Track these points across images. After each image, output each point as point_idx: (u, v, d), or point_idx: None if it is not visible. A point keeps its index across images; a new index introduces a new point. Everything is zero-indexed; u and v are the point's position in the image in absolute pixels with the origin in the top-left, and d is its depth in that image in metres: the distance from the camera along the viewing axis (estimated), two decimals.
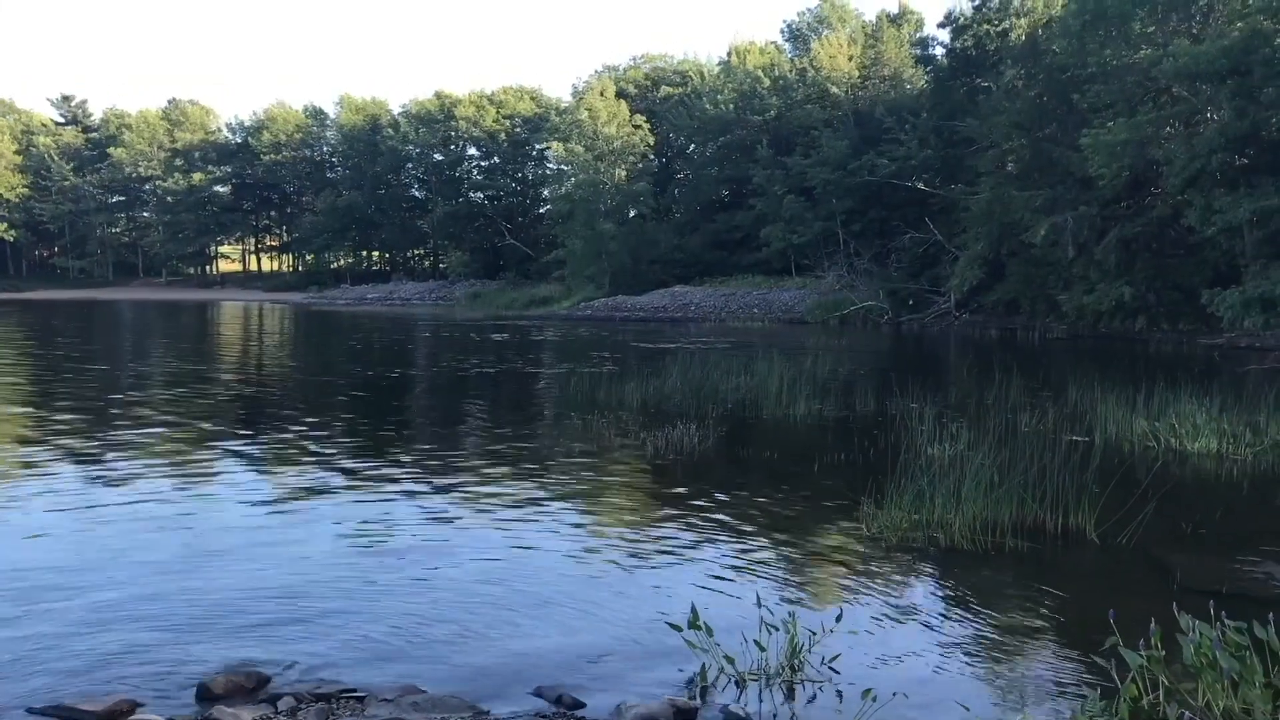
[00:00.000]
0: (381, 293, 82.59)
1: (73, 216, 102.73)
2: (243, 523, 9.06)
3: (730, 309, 54.07)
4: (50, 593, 6.86)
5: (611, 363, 25.47)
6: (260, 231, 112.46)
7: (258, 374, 25.30)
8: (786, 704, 5.34)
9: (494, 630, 6.30)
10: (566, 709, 5.21)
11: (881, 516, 8.80)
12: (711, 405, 16.15)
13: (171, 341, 37.54)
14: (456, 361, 27.29)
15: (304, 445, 13.27)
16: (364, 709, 5.15)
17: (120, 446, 13.01)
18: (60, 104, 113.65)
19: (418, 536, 8.55)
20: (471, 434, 15.23)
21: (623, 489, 11.06)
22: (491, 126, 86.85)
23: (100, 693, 5.21)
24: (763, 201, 58.93)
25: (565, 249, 67.05)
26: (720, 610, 6.49)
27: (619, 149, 66.49)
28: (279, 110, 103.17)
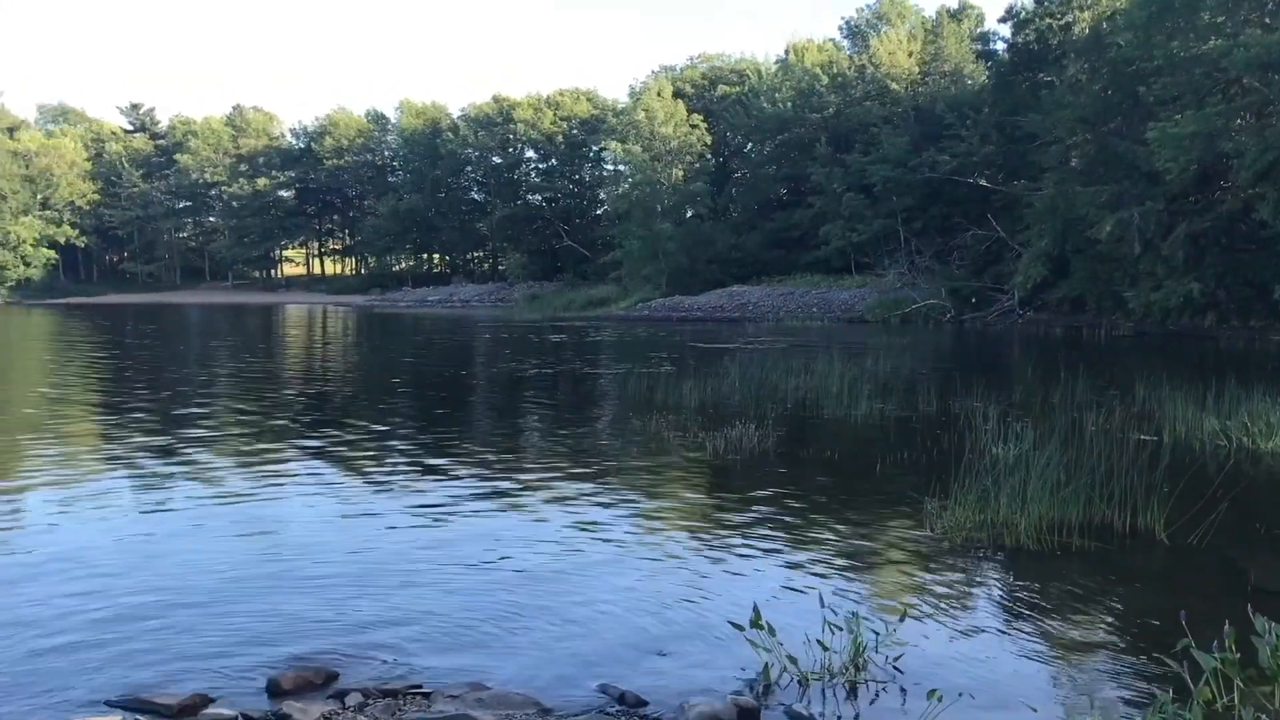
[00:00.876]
0: (442, 295, 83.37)
1: (141, 222, 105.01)
2: (310, 520, 9.21)
3: (788, 308, 53.81)
4: (126, 588, 7.02)
5: (669, 363, 25.47)
6: (323, 235, 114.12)
7: (324, 375, 25.67)
8: (850, 703, 5.31)
9: (556, 627, 6.34)
10: (629, 707, 5.23)
11: (945, 516, 8.71)
12: (771, 405, 16.09)
13: (239, 343, 38.23)
14: (516, 362, 27.47)
15: (368, 445, 13.44)
16: (430, 704, 5.22)
17: (191, 445, 13.29)
18: (129, 112, 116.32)
19: (480, 534, 8.63)
20: (531, 434, 15.33)
21: (682, 489, 11.06)
22: (549, 129, 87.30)
23: (175, 687, 5.32)
24: (821, 199, 58.59)
25: (622, 250, 67.17)
26: (782, 610, 6.47)
27: (676, 149, 66.51)
28: (341, 115, 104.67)
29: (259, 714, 5.03)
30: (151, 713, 5.03)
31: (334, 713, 5.12)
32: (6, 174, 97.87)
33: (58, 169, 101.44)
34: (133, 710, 5.05)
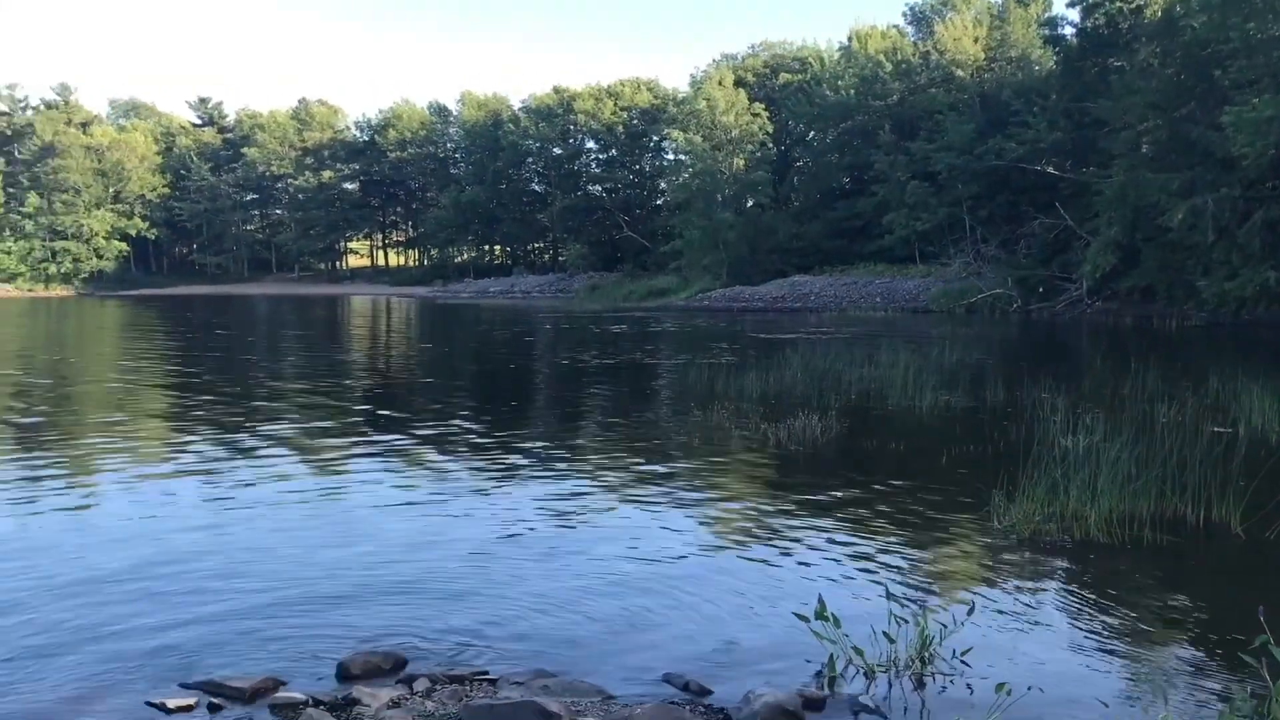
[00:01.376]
0: (503, 286, 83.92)
1: (210, 214, 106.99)
2: (376, 506, 9.34)
3: (851, 298, 53.40)
4: (198, 572, 7.18)
5: (730, 353, 25.41)
6: (387, 227, 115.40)
7: (388, 365, 25.99)
8: (916, 695, 5.26)
9: (620, 617, 6.36)
10: (694, 695, 5.24)
11: (1013, 509, 8.59)
12: (834, 396, 15.98)
13: (306, 334, 38.84)
14: (576, 353, 27.58)
15: (432, 434, 13.58)
16: (496, 690, 5.26)
17: (260, 432, 13.54)
18: (197, 106, 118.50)
19: (543, 524, 8.69)
20: (593, 424, 15.39)
21: (745, 480, 11.04)
22: (609, 119, 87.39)
23: (246, 670, 5.42)
24: (885, 188, 58.04)
25: (682, 240, 67.10)
26: (847, 602, 6.43)
27: (737, 138, 66.26)
28: (404, 108, 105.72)
29: (328, 698, 5.12)
30: (224, 695, 5.13)
31: (402, 698, 5.19)
32: (80, 168, 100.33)
33: (129, 163, 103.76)
34: (206, 692, 5.16)
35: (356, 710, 4.98)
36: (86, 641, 5.84)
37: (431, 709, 5.02)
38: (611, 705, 5.10)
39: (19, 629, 6.02)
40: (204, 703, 5.04)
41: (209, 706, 5.01)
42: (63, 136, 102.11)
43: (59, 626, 6.08)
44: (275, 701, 5.06)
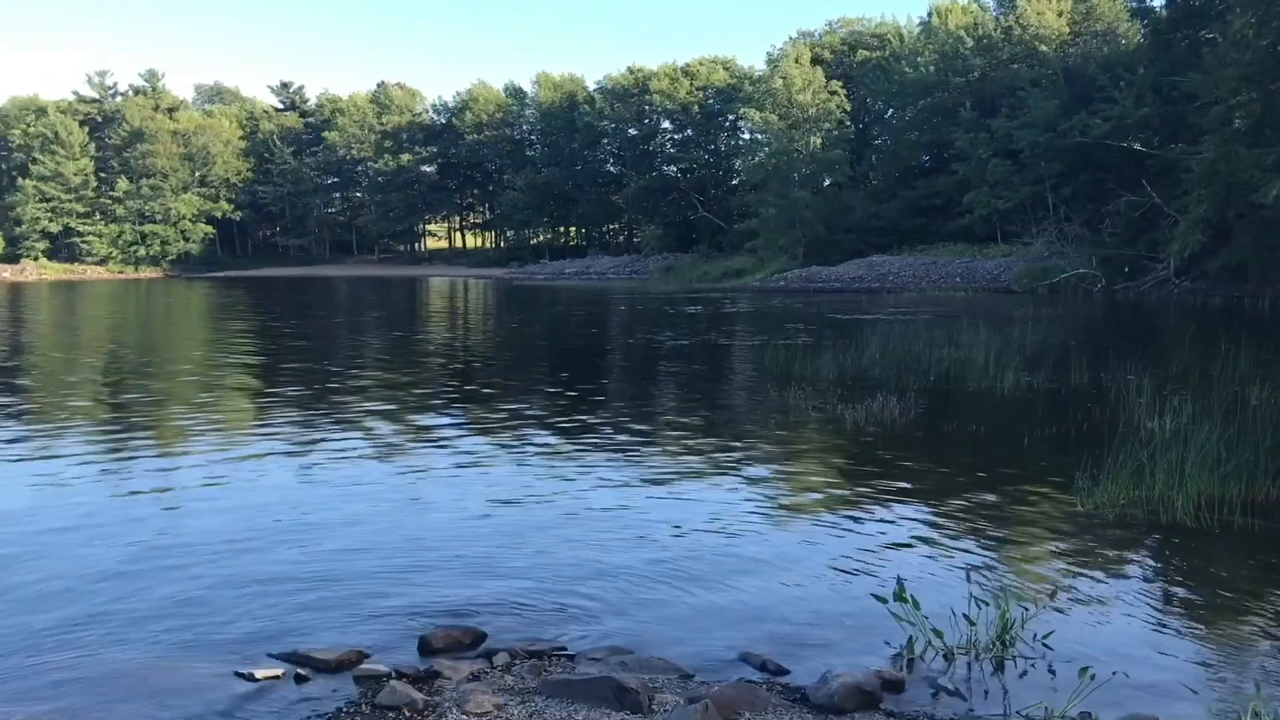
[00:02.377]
0: (578, 267, 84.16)
1: (292, 197, 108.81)
2: (456, 484, 9.49)
3: (930, 278, 52.62)
4: (285, 546, 7.36)
5: (806, 334, 25.23)
6: (464, 209, 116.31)
7: (466, 345, 26.29)
8: (997, 679, 5.21)
9: (697, 596, 6.38)
10: (771, 675, 5.24)
11: (1097, 492, 8.43)
12: (913, 377, 15.78)
13: (386, 315, 39.46)
14: (651, 334, 27.61)
15: (510, 413, 13.72)
16: (574, 666, 5.33)
17: (345, 411, 13.81)
18: (280, 91, 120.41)
19: (619, 501, 8.75)
20: (668, 404, 15.41)
21: (821, 460, 10.98)
22: (685, 99, 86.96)
23: (332, 642, 5.55)
24: (965, 166, 57.03)
25: (758, 220, 66.63)
26: (926, 584, 6.38)
27: (814, 116, 65.53)
28: (480, 90, 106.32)
29: (411, 670, 5.22)
30: (310, 666, 5.26)
31: (482, 671, 5.28)
32: (167, 153, 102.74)
33: (214, 147, 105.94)
34: (293, 663, 5.30)
35: (438, 683, 5.08)
36: (177, 613, 6.03)
37: (511, 683, 5.09)
38: (688, 683, 5.13)
39: (113, 599, 6.23)
40: (291, 674, 5.18)
41: (295, 677, 5.14)
42: (150, 122, 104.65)
43: (150, 598, 6.28)
44: (360, 673, 5.17)
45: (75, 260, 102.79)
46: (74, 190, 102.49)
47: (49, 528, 7.91)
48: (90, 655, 5.39)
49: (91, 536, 7.66)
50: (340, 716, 4.70)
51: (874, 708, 4.83)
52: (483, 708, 4.66)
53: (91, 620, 5.88)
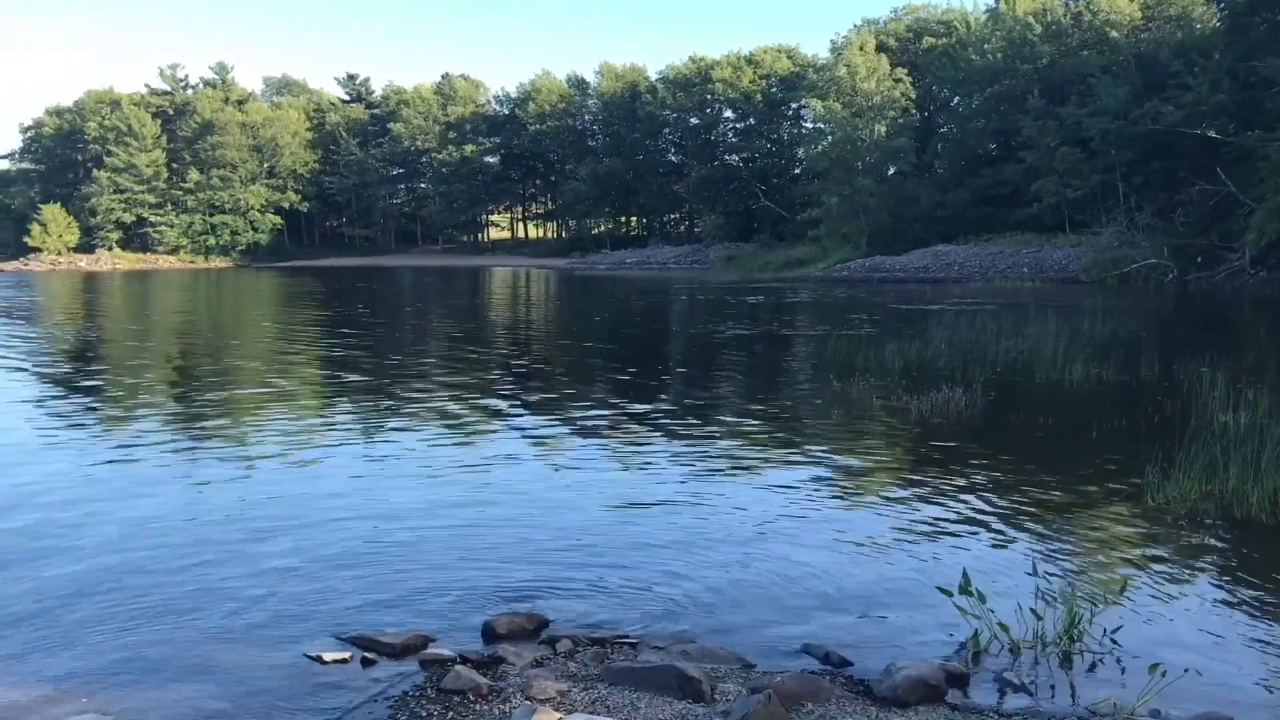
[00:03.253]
0: (639, 257, 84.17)
1: (358, 188, 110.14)
2: (518, 470, 9.57)
3: (997, 268, 51.83)
4: (352, 533, 7.47)
5: (870, 325, 25.03)
6: (527, 200, 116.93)
7: (528, 335, 26.46)
8: (1064, 673, 5.14)
9: (760, 587, 6.38)
10: (834, 667, 5.22)
11: (1168, 487, 8.27)
12: (979, 369, 15.58)
13: (450, 304, 39.84)
14: (712, 324, 27.55)
15: (573, 401, 13.80)
16: (636, 654, 5.35)
17: (410, 398, 13.98)
18: (346, 82, 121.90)
19: (680, 492, 8.75)
20: (730, 394, 15.37)
21: (885, 452, 10.90)
22: (747, 88, 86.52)
23: (397, 627, 5.63)
24: (1033, 154, 56.05)
25: (821, 209, 66.11)
26: (991, 577, 6.31)
27: (878, 104, 64.84)
28: (543, 81, 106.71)
29: (475, 655, 5.28)
30: (377, 649, 5.35)
31: (545, 658, 5.32)
32: (237, 144, 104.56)
33: (282, 139, 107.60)
34: (360, 646, 5.39)
35: (502, 668, 5.13)
36: (246, 594, 6.16)
37: (574, 670, 5.13)
38: (751, 673, 5.13)
39: (184, 583, 6.38)
40: (358, 657, 5.27)
41: (362, 661, 5.23)
42: (220, 114, 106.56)
43: (220, 579, 6.42)
44: (425, 658, 5.24)
45: (147, 250, 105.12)
46: (146, 181, 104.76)
47: (120, 508, 8.12)
48: (161, 635, 5.52)
49: (162, 518, 7.85)
50: (407, 700, 4.77)
51: (938, 701, 4.79)
52: (546, 693, 4.70)
53: (163, 600, 6.03)
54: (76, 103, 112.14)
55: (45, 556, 6.85)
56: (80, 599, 6.04)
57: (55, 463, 10.00)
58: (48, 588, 6.23)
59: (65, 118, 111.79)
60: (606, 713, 4.50)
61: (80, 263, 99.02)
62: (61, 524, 7.66)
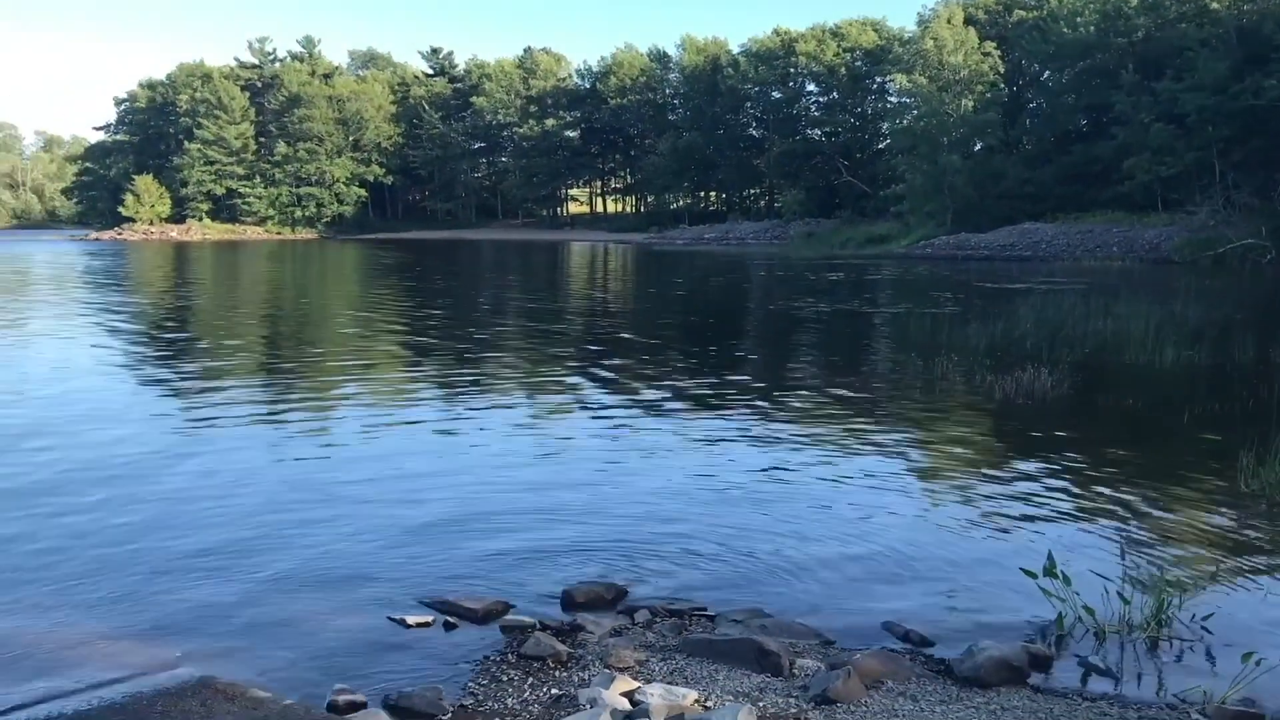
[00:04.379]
0: (718, 233, 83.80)
1: (440, 162, 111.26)
2: (595, 443, 9.61)
3: (1085, 247, 50.61)
4: (433, 500, 7.59)
5: (953, 303, 24.64)
6: (606, 174, 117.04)
7: (605, 308, 26.54)
8: (1151, 660, 5.03)
9: (839, 563, 6.34)
10: (914, 645, 5.18)
11: (1263, 471, 8.02)
12: (1066, 349, 15.26)
13: (529, 278, 40.13)
14: (790, 300, 27.35)
15: (650, 375, 13.82)
16: (714, 627, 5.36)
17: (490, 369, 14.15)
18: (429, 56, 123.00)
19: (757, 468, 8.72)
20: (807, 371, 15.26)
21: (968, 431, 10.74)
22: (831, 61, 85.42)
23: (479, 593, 5.72)
24: (1126, 130, 54.55)
25: (905, 184, 65.14)
26: (1077, 559, 6.18)
27: (966, 78, 63.56)
28: (625, 55, 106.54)
29: (555, 623, 5.35)
30: (458, 614, 5.44)
31: (624, 627, 5.37)
32: (323, 118, 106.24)
33: (367, 112, 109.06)
34: (442, 611, 5.48)
35: (581, 636, 5.19)
36: (331, 558, 6.30)
37: (652, 640, 5.16)
38: (830, 649, 5.12)
39: (269, 544, 6.54)
40: (440, 621, 5.36)
41: (444, 625, 5.32)
42: (307, 87, 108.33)
43: (306, 542, 6.57)
44: (505, 623, 5.32)
45: (236, 221, 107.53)
46: (235, 154, 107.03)
47: (207, 473, 8.34)
48: (248, 594, 5.67)
49: (249, 481, 8.06)
50: (488, 664, 4.85)
51: (1020, 683, 4.73)
52: (625, 662, 4.74)
53: (249, 560, 6.19)
54: (169, 76, 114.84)
55: (133, 515, 7.06)
56: (168, 557, 6.23)
57: (144, 424, 10.32)
58: (136, 544, 6.43)
59: (158, 91, 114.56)
60: (685, 683, 4.53)
61: (171, 232, 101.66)
62: (150, 485, 7.90)
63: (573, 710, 4.18)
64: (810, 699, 4.40)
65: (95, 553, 6.28)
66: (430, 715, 4.25)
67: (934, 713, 4.36)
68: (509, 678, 4.67)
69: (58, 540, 6.52)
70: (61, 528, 6.78)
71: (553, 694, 4.46)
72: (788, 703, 4.38)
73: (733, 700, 4.34)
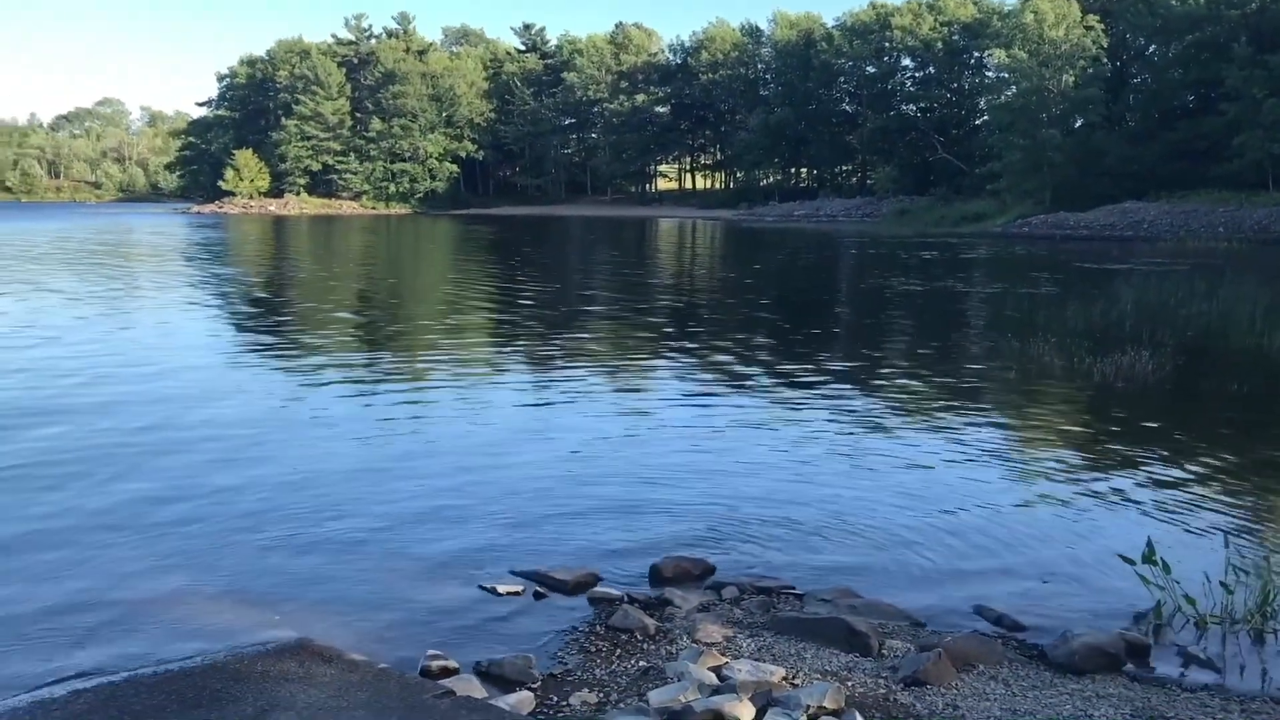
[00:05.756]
0: (808, 210, 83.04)
1: (531, 138, 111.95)
2: (679, 420, 9.60)
3: (1190, 227, 48.96)
4: (523, 470, 7.67)
5: (1051, 283, 24.08)
6: (695, 150, 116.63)
7: (692, 285, 26.49)
8: (1255, 652, 4.88)
9: (930, 547, 6.26)
10: (1006, 630, 5.10)
11: None
12: (1168, 331, 14.82)
13: (619, 254, 40.24)
14: (882, 279, 26.99)
15: (738, 353, 13.77)
16: (802, 605, 5.34)
17: (574, 344, 14.24)
18: (522, 33, 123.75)
19: (847, 447, 8.64)
20: (899, 350, 15.07)
21: (1065, 413, 10.51)
22: (928, 35, 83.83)
23: (569, 565, 5.78)
24: (1236, 106, 52.57)
25: (1002, 162, 63.68)
26: (1177, 547, 6.03)
27: (1067, 53, 61.79)
28: (717, 30, 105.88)
29: (643, 597, 5.38)
30: (548, 585, 5.50)
31: (711, 603, 5.38)
32: (417, 94, 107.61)
33: (460, 88, 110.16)
34: (533, 581, 5.55)
35: (668, 611, 5.21)
36: (423, 528, 6.41)
37: (740, 616, 5.17)
38: (920, 631, 5.07)
39: (363, 513, 6.67)
40: (530, 591, 5.43)
41: (534, 594, 5.40)
42: (402, 64, 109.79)
43: (399, 513, 6.68)
44: (594, 595, 5.37)
45: (332, 195, 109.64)
46: (331, 129, 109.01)
47: (303, 441, 8.56)
48: (342, 561, 5.81)
49: (342, 451, 8.24)
50: (576, 634, 4.90)
51: (1116, 670, 4.63)
52: (712, 637, 4.76)
53: (343, 528, 6.33)
54: (268, 52, 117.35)
55: (231, 484, 7.25)
56: (265, 524, 6.39)
57: (242, 395, 10.62)
58: (234, 512, 6.61)
59: (258, 67, 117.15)
60: (772, 660, 4.52)
61: (270, 206, 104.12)
62: (248, 454, 8.10)
63: (660, 683, 4.21)
64: (899, 680, 4.37)
65: (197, 519, 6.49)
66: (521, 683, 4.31)
67: (1026, 698, 4.29)
68: (597, 649, 4.71)
69: (158, 506, 6.74)
70: (161, 494, 7.00)
71: (640, 666, 4.49)
72: (876, 683, 4.36)
73: (820, 679, 4.32)
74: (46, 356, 12.51)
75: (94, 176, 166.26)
